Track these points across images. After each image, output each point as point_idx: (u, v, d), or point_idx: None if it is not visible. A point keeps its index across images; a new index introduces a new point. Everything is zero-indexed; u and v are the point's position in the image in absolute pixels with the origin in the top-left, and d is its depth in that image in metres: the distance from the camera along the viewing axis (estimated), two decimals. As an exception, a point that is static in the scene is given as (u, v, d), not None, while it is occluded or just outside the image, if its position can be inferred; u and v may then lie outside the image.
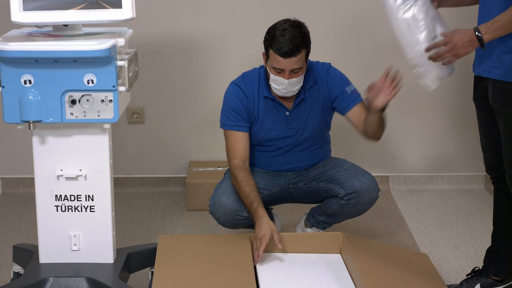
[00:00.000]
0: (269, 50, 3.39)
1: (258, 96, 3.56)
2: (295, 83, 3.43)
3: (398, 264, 3.31)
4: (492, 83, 3.02)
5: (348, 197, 3.54)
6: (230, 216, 3.50)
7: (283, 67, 3.37)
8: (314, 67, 3.59)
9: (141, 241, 4.03)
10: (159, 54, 4.61)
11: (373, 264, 3.20)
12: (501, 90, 2.98)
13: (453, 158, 4.86)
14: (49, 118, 2.94)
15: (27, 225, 4.25)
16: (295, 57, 3.35)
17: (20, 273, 3.36)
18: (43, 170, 3.08)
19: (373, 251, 3.37)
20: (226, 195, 3.51)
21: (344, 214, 3.63)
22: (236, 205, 3.48)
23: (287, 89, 3.44)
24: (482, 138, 3.27)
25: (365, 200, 3.56)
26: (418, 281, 3.21)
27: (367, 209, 3.62)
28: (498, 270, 3.37)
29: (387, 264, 3.27)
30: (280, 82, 3.42)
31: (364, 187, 3.54)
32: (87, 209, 3.11)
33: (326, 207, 3.65)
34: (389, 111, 4.79)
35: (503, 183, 3.21)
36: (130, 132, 4.76)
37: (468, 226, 4.29)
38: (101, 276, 3.05)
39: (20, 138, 4.57)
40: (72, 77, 2.91)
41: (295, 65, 3.37)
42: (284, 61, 3.35)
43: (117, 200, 4.46)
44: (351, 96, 3.57)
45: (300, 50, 3.35)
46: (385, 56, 4.47)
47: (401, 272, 3.25)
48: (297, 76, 3.42)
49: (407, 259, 3.43)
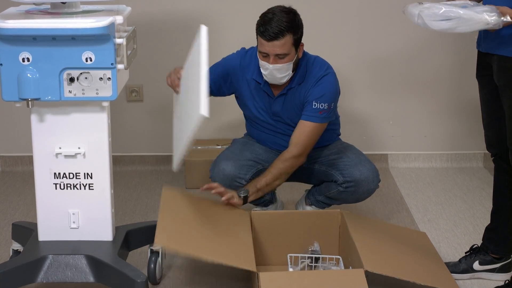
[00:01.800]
0: (257, 35, 3.42)
1: (251, 73, 3.57)
2: (280, 69, 3.42)
3: (397, 242, 3.33)
4: (497, 60, 3.00)
5: (346, 185, 3.54)
6: (228, 181, 3.52)
7: (267, 51, 3.38)
8: (314, 66, 3.55)
9: (140, 219, 4.04)
10: (158, 32, 4.60)
11: (371, 242, 3.21)
12: (507, 67, 2.96)
13: (452, 136, 4.86)
14: (48, 96, 2.94)
15: (26, 203, 4.25)
16: (277, 41, 3.35)
17: (19, 250, 3.37)
18: (42, 148, 3.07)
19: (372, 229, 3.39)
20: (226, 160, 3.54)
21: (342, 199, 3.65)
22: (235, 171, 3.51)
23: (272, 74, 3.44)
24: (484, 115, 3.26)
25: (363, 190, 3.56)
26: (417, 258, 3.23)
27: (365, 198, 3.64)
28: (497, 248, 3.37)
29: (386, 242, 3.28)
30: (265, 67, 3.43)
31: (363, 177, 3.53)
32: (86, 187, 3.11)
33: (325, 190, 3.66)
34: (389, 89, 4.80)
35: (504, 161, 3.21)
36: (129, 111, 4.76)
37: (467, 204, 4.30)
38: (100, 254, 3.06)
39: (19, 116, 4.56)
40: (70, 55, 2.90)
41: (278, 49, 3.36)
42: (267, 44, 3.36)
43: (116, 178, 4.44)
44: (310, 111, 3.50)
45: (284, 35, 3.35)
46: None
47: (400, 250, 3.26)
48: (282, 63, 3.41)
49: (406, 237, 3.45)
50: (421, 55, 4.69)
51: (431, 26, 2.89)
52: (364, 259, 2.98)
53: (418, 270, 3.13)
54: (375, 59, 4.68)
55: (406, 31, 4.58)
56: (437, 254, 3.33)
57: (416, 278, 3.02)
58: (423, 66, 4.73)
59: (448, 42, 4.64)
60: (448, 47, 4.67)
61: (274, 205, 3.78)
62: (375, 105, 4.76)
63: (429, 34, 4.48)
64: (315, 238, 3.38)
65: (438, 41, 4.62)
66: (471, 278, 3.40)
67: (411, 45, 4.66)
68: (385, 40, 4.67)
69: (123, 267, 3.01)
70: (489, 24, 2.77)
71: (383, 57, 4.68)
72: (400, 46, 4.67)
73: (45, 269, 3.02)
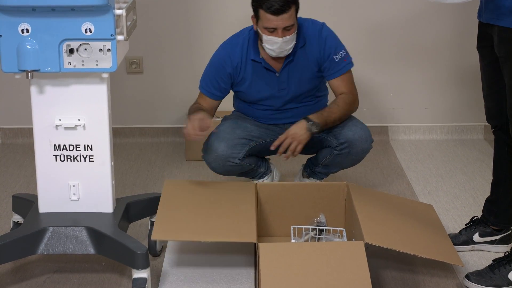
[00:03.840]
0: (259, 10, 3.38)
1: (246, 59, 3.56)
2: (288, 41, 3.41)
3: (402, 215, 3.33)
4: (498, 31, 2.98)
5: (340, 147, 3.54)
6: (221, 162, 3.52)
7: (276, 25, 3.35)
8: (306, 26, 3.55)
9: (140, 191, 4.04)
10: (157, 3, 4.57)
11: (375, 214, 3.21)
12: (508, 39, 2.94)
13: (452, 108, 4.85)
14: (47, 67, 2.92)
15: (26, 175, 4.25)
16: (286, 14, 3.33)
17: (20, 222, 3.38)
18: (42, 120, 3.07)
19: (377, 201, 3.39)
20: (218, 140, 3.53)
21: (337, 164, 3.65)
22: (228, 151, 3.51)
23: (282, 48, 3.43)
24: (484, 87, 3.25)
25: (357, 150, 3.56)
26: (420, 231, 3.23)
27: (360, 159, 3.63)
28: (497, 220, 3.38)
29: (390, 215, 3.28)
30: (274, 42, 3.40)
31: (356, 137, 3.53)
32: (86, 159, 3.11)
33: (320, 158, 3.67)
34: (389, 61, 4.78)
35: (504, 133, 3.20)
36: (129, 82, 4.74)
37: (467, 176, 4.30)
38: (101, 226, 3.06)
39: (19, 87, 4.55)
40: (69, 26, 2.88)
41: (287, 22, 3.35)
42: (275, 18, 3.33)
43: (116, 150, 4.44)
44: (339, 65, 3.55)
45: (291, 6, 3.34)
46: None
47: (404, 222, 3.27)
48: (290, 34, 3.40)
49: (411, 210, 3.45)
50: (421, 25, 4.67)
51: None
52: (366, 231, 2.99)
53: (420, 243, 3.13)
54: (374, 30, 4.66)
55: (404, 1, 4.56)
56: (441, 227, 3.33)
57: (417, 250, 3.03)
58: (423, 36, 4.71)
59: (447, 12, 4.61)
60: (447, 17, 4.65)
61: (270, 177, 3.78)
62: (376, 77, 4.75)
63: (427, 4, 4.46)
64: (321, 210, 3.38)
65: (437, 11, 4.60)
66: (471, 250, 3.41)
67: (410, 15, 4.64)
68: (384, 10, 4.65)
69: (124, 238, 3.01)
70: None
71: (382, 28, 4.66)
72: (400, 16, 4.65)
73: (46, 241, 3.03)
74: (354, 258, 2.86)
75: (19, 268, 3.24)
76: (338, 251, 2.92)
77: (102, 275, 3.21)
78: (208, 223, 3.14)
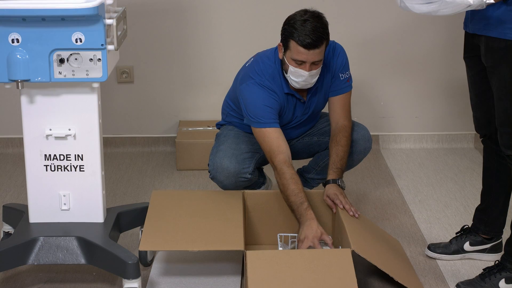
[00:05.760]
0: (290, 41, 3.27)
1: (280, 89, 3.46)
2: (314, 75, 3.35)
3: (381, 237, 3.36)
4: (485, 41, 2.98)
5: None
6: (233, 178, 3.47)
7: (305, 59, 3.27)
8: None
9: (131, 200, 4.04)
10: (148, 13, 4.58)
11: (360, 226, 3.23)
12: (494, 48, 2.94)
13: (442, 117, 4.87)
14: (38, 77, 2.92)
15: (16, 185, 4.24)
16: (318, 49, 3.25)
17: (10, 232, 3.37)
18: (32, 130, 3.06)
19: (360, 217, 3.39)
20: (227, 158, 3.47)
21: None
22: (238, 167, 3.46)
23: (307, 81, 3.36)
24: (472, 96, 3.26)
25: (360, 149, 3.56)
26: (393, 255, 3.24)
27: (360, 160, 3.65)
28: (487, 228, 3.38)
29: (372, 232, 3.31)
30: (300, 75, 3.32)
31: (359, 136, 3.55)
32: (77, 169, 3.11)
33: (317, 161, 3.67)
34: (380, 71, 4.80)
35: (492, 142, 3.21)
36: (120, 92, 4.74)
37: (457, 184, 4.31)
38: (91, 235, 3.06)
39: (9, 97, 4.54)
40: (60, 35, 2.88)
41: (317, 57, 3.28)
42: (307, 52, 3.25)
43: (107, 160, 4.45)
44: (342, 84, 3.52)
45: (323, 42, 3.26)
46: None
47: (382, 244, 3.29)
48: (317, 68, 3.33)
49: (385, 238, 3.46)
50: (411, 36, 4.69)
51: (413, 9, 2.88)
52: (352, 239, 3.00)
53: (396, 266, 3.15)
54: (366, 42, 4.68)
55: (395, 12, 4.57)
56: (408, 261, 3.36)
57: (394, 274, 3.04)
58: (413, 47, 4.72)
59: (438, 23, 4.63)
60: (438, 28, 4.66)
61: (265, 186, 3.78)
62: (366, 86, 4.76)
63: (418, 16, 4.46)
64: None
65: (427, 22, 4.62)
66: (462, 259, 3.42)
67: (401, 26, 4.66)
68: (374, 21, 4.66)
69: (114, 248, 3.00)
70: (471, 6, 2.76)
71: (374, 40, 4.68)
72: (390, 27, 4.66)
73: (36, 251, 3.02)
74: (341, 266, 2.87)
75: (9, 278, 3.23)
76: (325, 258, 2.93)
77: (93, 285, 3.20)
78: (196, 232, 3.14)
